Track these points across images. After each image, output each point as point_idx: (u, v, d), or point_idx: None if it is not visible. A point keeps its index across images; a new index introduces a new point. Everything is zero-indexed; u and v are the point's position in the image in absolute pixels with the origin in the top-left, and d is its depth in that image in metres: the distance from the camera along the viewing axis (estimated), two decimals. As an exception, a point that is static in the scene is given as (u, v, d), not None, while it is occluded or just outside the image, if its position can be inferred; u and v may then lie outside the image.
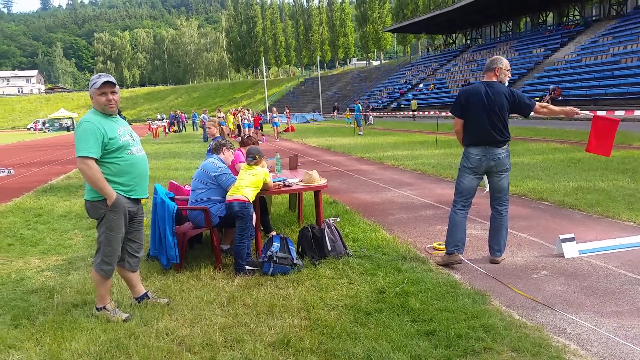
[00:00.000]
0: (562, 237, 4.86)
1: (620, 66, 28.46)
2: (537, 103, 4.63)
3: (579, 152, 12.14)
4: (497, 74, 4.61)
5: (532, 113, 4.59)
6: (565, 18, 45.81)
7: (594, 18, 41.20)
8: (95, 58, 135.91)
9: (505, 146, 4.59)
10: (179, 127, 40.23)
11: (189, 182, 8.01)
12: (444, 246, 5.18)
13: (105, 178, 3.50)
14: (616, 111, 21.47)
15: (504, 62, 4.62)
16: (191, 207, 4.99)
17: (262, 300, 3.89)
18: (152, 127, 32.98)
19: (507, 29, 52.87)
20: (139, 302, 3.90)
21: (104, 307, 3.69)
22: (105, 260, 3.61)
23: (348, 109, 35.12)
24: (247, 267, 4.57)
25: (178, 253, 4.61)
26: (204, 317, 3.64)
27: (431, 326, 3.32)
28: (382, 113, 42.82)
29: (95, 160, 3.48)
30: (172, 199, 4.90)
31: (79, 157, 3.45)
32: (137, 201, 3.76)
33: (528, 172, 9.63)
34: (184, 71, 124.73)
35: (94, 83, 3.57)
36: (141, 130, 43.74)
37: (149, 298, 3.93)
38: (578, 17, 43.59)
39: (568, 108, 4.72)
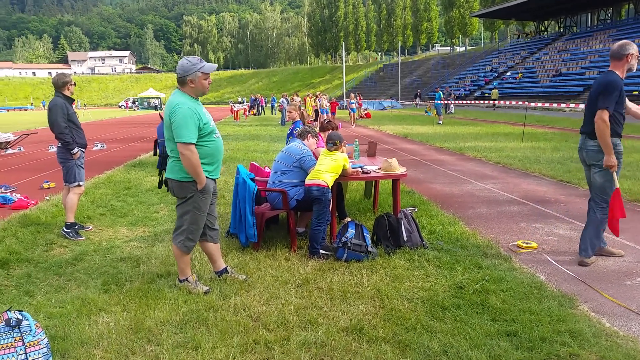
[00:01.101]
0: (663, 243, 4.45)
1: None
2: (601, 113, 4.10)
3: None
4: (629, 60, 4.22)
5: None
6: (676, 3, 41.55)
7: None
8: (183, 40, 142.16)
9: (596, 139, 4.24)
10: (258, 110, 41.23)
11: (268, 164, 8.20)
12: (529, 244, 4.94)
13: None
14: None
15: (634, 47, 4.22)
16: (270, 188, 5.08)
17: (336, 285, 3.90)
18: (234, 109, 34.08)
19: (606, 16, 48.84)
20: (219, 276, 4.05)
21: (186, 279, 3.87)
22: (190, 237, 3.78)
23: (428, 105, 34.21)
24: (321, 251, 4.60)
25: (256, 232, 4.73)
26: (279, 296, 3.71)
27: (513, 327, 3.16)
28: (463, 102, 41.28)
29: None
30: (252, 179, 5.02)
31: (183, 143, 3.51)
32: (215, 180, 3.89)
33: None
34: (265, 55, 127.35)
35: (201, 66, 3.63)
36: (223, 112, 45.41)
37: (228, 273, 4.07)
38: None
39: (612, 158, 4.17)
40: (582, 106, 28.90)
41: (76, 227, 5.61)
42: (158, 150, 5.94)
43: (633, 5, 45.93)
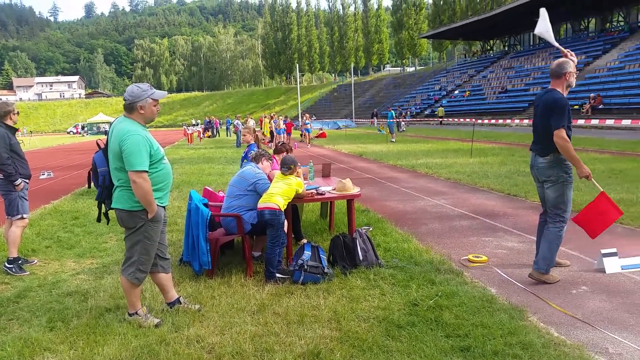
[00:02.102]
0: (603, 251, 4.67)
1: (666, 74, 27.39)
2: (560, 132, 4.17)
3: (621, 163, 11.70)
4: (568, 78, 4.38)
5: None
6: (608, 24, 44.41)
7: (639, 24, 39.80)
8: (135, 64, 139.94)
9: (546, 156, 4.36)
10: (213, 132, 40.87)
11: (223, 186, 8.10)
12: (479, 258, 5.07)
13: None
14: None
15: (572, 64, 4.41)
16: (224, 213, 5.02)
17: (293, 310, 3.87)
18: (187, 132, 33.63)
19: (547, 35, 51.56)
20: (171, 308, 3.93)
21: (136, 312, 3.73)
22: (140, 269, 3.67)
23: (381, 124, 34.83)
24: (277, 274, 4.56)
25: (210, 259, 4.64)
26: (235, 324, 3.64)
27: (466, 342, 3.22)
28: (414, 120, 42.43)
29: None
30: (206, 205, 4.94)
31: (136, 171, 3.43)
32: (165, 207, 3.82)
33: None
34: (219, 77, 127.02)
35: (152, 93, 3.59)
36: (176, 135, 44.70)
37: (180, 303, 3.97)
38: (622, 23, 42.19)
39: (584, 168, 4.24)
40: (527, 121, 30.25)
41: (19, 261, 5.34)
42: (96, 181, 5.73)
43: (570, 25, 48.80)
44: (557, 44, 5.04)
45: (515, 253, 5.35)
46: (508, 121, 30.12)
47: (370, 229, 6.39)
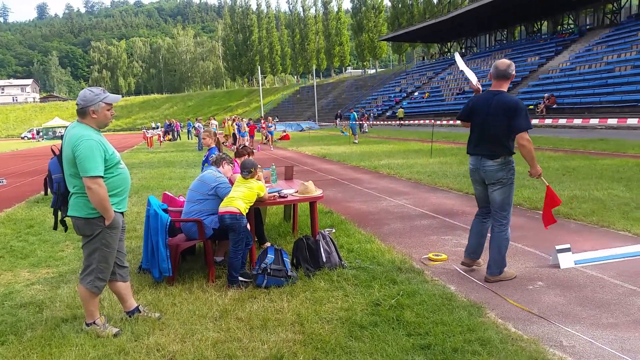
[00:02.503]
0: (558, 247, 4.83)
1: (614, 74, 28.68)
2: (526, 135, 4.23)
3: (574, 161, 12.18)
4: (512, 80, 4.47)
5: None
6: (559, 27, 46.22)
7: (588, 27, 41.60)
8: (91, 67, 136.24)
9: (496, 159, 4.36)
10: (173, 135, 40.17)
11: (184, 191, 7.97)
12: (439, 256, 5.17)
13: None
14: (609, 119, 21.58)
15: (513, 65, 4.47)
16: (185, 219, 4.94)
17: (256, 314, 3.84)
18: (147, 135, 32.92)
19: (502, 37, 53.28)
20: (130, 316, 3.83)
21: (94, 322, 3.63)
22: (99, 277, 3.57)
23: (344, 126, 35.01)
24: (240, 278, 4.52)
25: (171, 266, 4.55)
26: (196, 331, 3.58)
27: (427, 340, 3.27)
28: (376, 122, 42.98)
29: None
30: (165, 210, 4.85)
31: (90, 177, 3.34)
32: (123, 213, 3.73)
33: (523, 181, 9.61)
34: (179, 80, 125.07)
35: (105, 97, 3.53)
36: (136, 139, 43.72)
37: (140, 312, 3.87)
38: (572, 26, 43.98)
39: (538, 168, 4.38)
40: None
41: (-33, 274, 5.10)
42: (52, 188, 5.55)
43: (524, 27, 50.47)
44: (473, 81, 4.97)
45: (474, 251, 5.48)
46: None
47: (334, 230, 6.39)
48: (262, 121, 27.80)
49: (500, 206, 4.43)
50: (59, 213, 3.69)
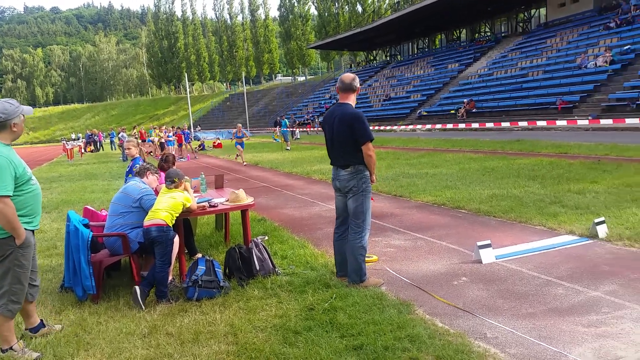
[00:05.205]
0: (479, 243, 5.09)
1: (527, 79, 30.65)
2: (370, 145, 4.40)
3: (493, 161, 12.89)
4: (358, 92, 4.63)
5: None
6: (477, 34, 48.86)
7: (503, 34, 44.25)
8: (4, 76, 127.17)
9: (348, 169, 4.48)
10: (96, 146, 38.35)
11: (106, 205, 7.62)
12: (370, 258, 5.28)
13: None
14: (520, 122, 23.05)
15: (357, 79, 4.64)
16: (108, 233, 4.73)
17: (187, 328, 3.74)
18: (67, 147, 31.17)
19: (424, 45, 55.50)
20: (34, 333, 3.68)
21: (11, 348, 3.39)
22: (13, 299, 3.36)
23: (275, 132, 34.89)
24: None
25: (94, 283, 4.34)
26: (124, 349, 3.43)
27: (359, 340, 3.33)
28: (307, 128, 43.32)
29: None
30: (86, 225, 4.63)
31: None
32: (34, 231, 3.55)
33: (446, 182, 10.07)
34: (101, 88, 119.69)
35: (22, 109, 3.42)
36: (55, 151, 41.28)
37: (44, 327, 3.76)
38: (489, 34, 46.64)
39: (374, 177, 4.57)
40: (412, 127, 32.20)
41: None
42: None
43: (444, 35, 52.91)
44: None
45: (402, 250, 5.66)
46: (395, 127, 31.93)
47: (266, 237, 6.37)
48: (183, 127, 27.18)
49: (355, 214, 4.51)
50: None
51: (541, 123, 21.45)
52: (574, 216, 6.41)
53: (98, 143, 39.09)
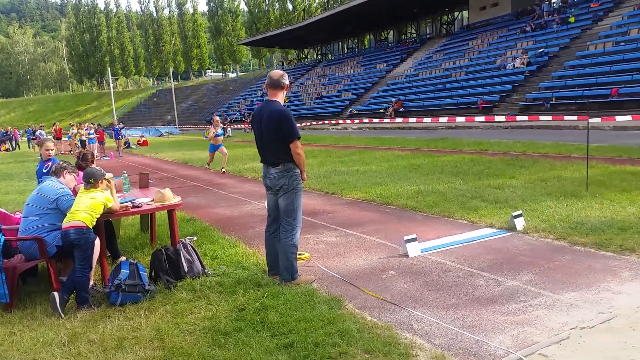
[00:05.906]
0: (405, 238, 5.25)
1: (450, 79, 32.05)
2: (298, 143, 4.41)
3: (419, 159, 13.35)
4: (288, 90, 4.61)
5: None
6: (403, 35, 50.38)
7: (428, 36, 45.97)
8: None
9: (278, 167, 4.47)
10: (11, 145, 35.73)
11: (21, 207, 7.14)
12: (302, 255, 5.30)
13: None
14: (440, 118, 24.09)
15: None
16: (22, 237, 4.42)
17: (110, 334, 3.57)
18: (-23, 146, 28.82)
19: (354, 45, 56.48)
20: None
21: None
22: None
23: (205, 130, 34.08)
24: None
25: (7, 291, 4.04)
26: (40, 361, 3.23)
27: (290, 338, 3.34)
28: (238, 126, 42.78)
29: None
30: (-3, 229, 4.29)
31: None
32: None
33: (376, 178, 10.31)
34: (17, 83, 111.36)
35: None
36: (-38, 150, 38.00)
37: None
38: (415, 35, 48.23)
39: (305, 175, 4.58)
40: (342, 122, 32.64)
41: None
42: None
43: (373, 36, 54.10)
44: None
45: (333, 247, 5.73)
46: (326, 123, 32.27)
47: (195, 238, 6.21)
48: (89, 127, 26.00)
49: (285, 212, 4.50)
50: None
51: (460, 119, 22.55)
52: (493, 210, 6.77)
53: (14, 141, 36.46)
